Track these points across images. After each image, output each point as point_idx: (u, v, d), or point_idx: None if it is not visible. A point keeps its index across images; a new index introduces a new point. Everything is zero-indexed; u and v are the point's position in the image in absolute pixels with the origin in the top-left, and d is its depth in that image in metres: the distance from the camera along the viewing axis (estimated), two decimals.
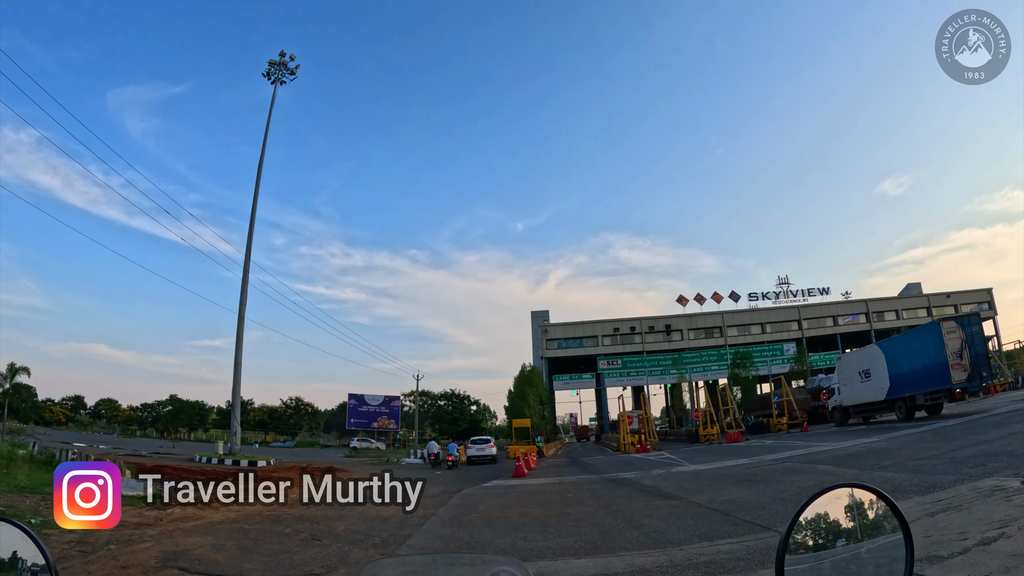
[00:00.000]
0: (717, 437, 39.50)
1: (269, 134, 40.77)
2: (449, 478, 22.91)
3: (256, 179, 39.92)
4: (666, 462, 23.37)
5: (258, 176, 40.14)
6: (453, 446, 31.26)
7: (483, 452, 35.28)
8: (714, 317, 74.97)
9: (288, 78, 42.45)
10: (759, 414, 45.33)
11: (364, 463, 37.75)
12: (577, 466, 27.07)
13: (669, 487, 14.27)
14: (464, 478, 22.87)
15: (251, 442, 75.64)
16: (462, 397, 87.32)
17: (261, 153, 40.91)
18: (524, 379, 49.15)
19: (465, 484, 19.54)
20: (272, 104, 41.60)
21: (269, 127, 41.53)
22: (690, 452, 29.09)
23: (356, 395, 55.10)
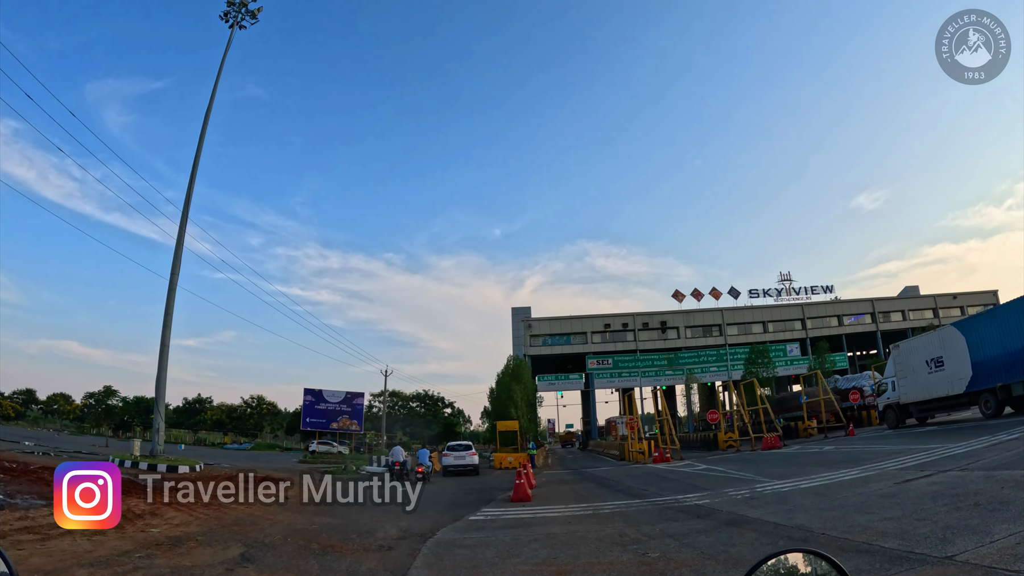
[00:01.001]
0: (739, 444, 33.40)
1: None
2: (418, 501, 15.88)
3: (201, 133, 32.67)
4: (724, 477, 16.74)
5: (203, 129, 32.86)
6: (424, 453, 24.07)
7: (462, 461, 28.73)
8: (713, 314, 68.91)
9: (248, 22, 35.57)
10: (786, 417, 39.27)
11: (313, 470, 30.54)
12: (591, 481, 20.25)
13: (828, 526, 7.61)
14: (440, 500, 15.91)
15: (210, 443, 68.98)
16: (436, 399, 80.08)
17: (209, 104, 33.65)
18: (510, 373, 42.35)
19: (442, 514, 12.68)
20: (227, 48, 34.56)
21: (221, 73, 34.24)
22: (733, 462, 22.51)
23: (313, 391, 47.39)
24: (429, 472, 23.25)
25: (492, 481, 23.27)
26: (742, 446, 32.63)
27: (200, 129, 32.85)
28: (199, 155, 32.71)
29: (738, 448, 31.86)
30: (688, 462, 26.00)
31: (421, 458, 23.18)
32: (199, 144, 32.72)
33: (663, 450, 28.70)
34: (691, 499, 12.54)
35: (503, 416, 38.57)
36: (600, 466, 29.94)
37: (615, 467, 28.09)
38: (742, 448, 31.58)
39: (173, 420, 78.49)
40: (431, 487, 20.81)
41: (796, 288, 71.42)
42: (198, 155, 32.65)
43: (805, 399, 37.32)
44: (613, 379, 66.23)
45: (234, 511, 13.52)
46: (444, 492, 18.66)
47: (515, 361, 43.61)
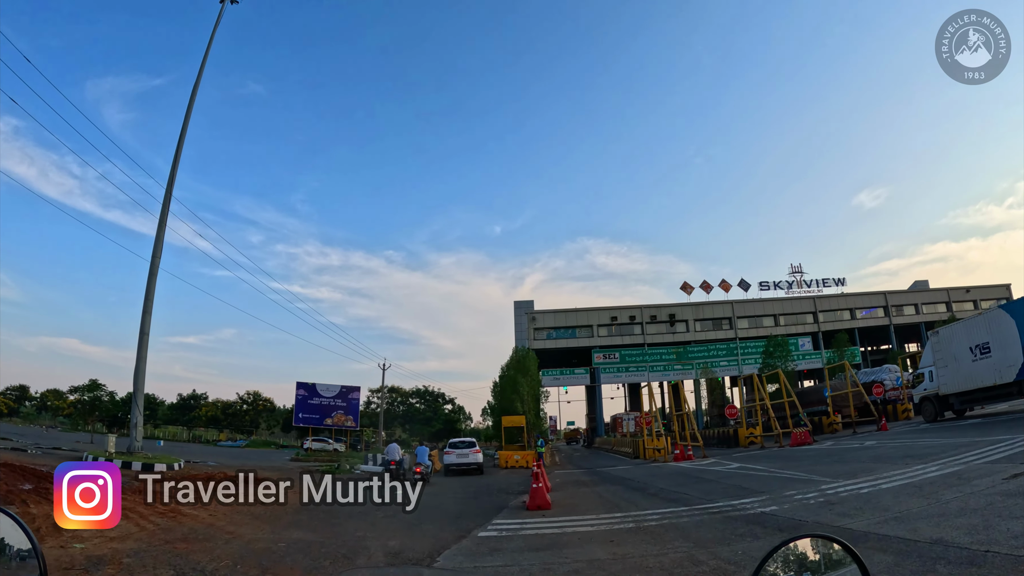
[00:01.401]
0: (761, 440, 31.17)
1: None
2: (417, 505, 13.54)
3: (188, 108, 30.28)
4: (772, 476, 14.42)
5: (190, 105, 30.48)
6: (423, 451, 21.61)
7: (466, 459, 26.68)
8: (723, 307, 66.56)
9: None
10: (808, 412, 36.90)
11: (302, 469, 28.23)
12: (614, 483, 17.89)
13: (986, 539, 5.39)
14: (442, 507, 13.58)
15: (206, 440, 67.08)
16: (436, 395, 77.65)
17: (196, 79, 31.16)
18: (516, 365, 39.87)
19: (444, 528, 10.35)
20: (217, 22, 31.96)
21: (210, 50, 31.75)
22: (767, 459, 20.20)
23: (306, 384, 44.62)
24: (429, 472, 20.90)
25: (499, 482, 20.94)
26: (765, 442, 30.43)
27: (188, 98, 30.48)
28: (183, 136, 30.40)
29: (762, 444, 29.55)
30: (714, 460, 23.69)
31: (420, 456, 20.80)
32: (185, 119, 30.39)
33: (684, 447, 26.34)
34: (751, 506, 10.21)
35: (508, 411, 36.22)
36: (615, 465, 27.62)
37: (633, 466, 25.76)
38: (768, 445, 29.30)
39: (168, 416, 78.26)
40: (431, 489, 18.47)
41: (807, 281, 69.10)
42: (183, 136, 30.32)
43: (829, 392, 34.98)
44: (620, 374, 63.89)
45: (191, 520, 11.22)
46: (446, 496, 16.30)
47: (521, 352, 41.15)
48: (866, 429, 30.87)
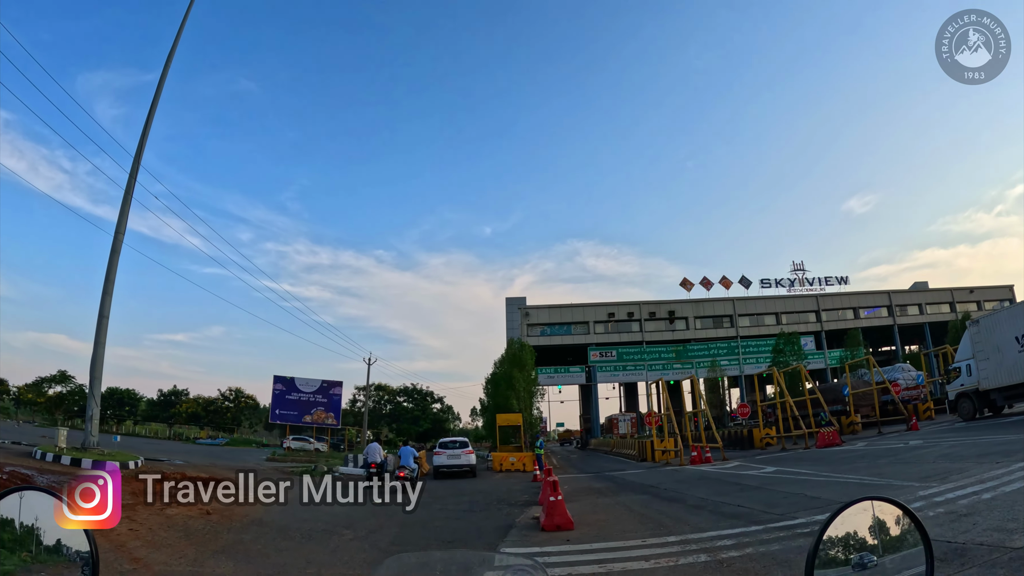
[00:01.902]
0: (776, 441, 28.71)
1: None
2: (392, 526, 10.73)
3: (158, 86, 27.15)
4: (835, 482, 11.64)
5: (160, 84, 27.32)
6: (408, 451, 18.54)
7: (457, 461, 24.43)
8: (724, 304, 64.09)
9: None
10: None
11: (275, 470, 25.26)
12: (636, 491, 15.09)
13: None
14: (428, 524, 10.78)
15: (186, 437, 63.24)
16: (424, 393, 74.46)
17: (169, 56, 27.95)
18: (511, 359, 36.93)
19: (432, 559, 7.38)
20: (188, 11, 28.79)
21: (179, 38, 28.45)
22: (803, 462, 17.55)
23: (284, 378, 41.08)
24: (414, 476, 17.98)
25: (496, 489, 18.13)
26: (783, 443, 27.92)
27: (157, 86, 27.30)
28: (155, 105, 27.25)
29: (783, 447, 26.94)
30: (737, 463, 21.01)
31: (404, 458, 17.85)
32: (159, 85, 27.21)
33: (701, 449, 23.62)
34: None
35: (503, 409, 33.34)
36: (624, 468, 24.90)
37: (645, 470, 23.03)
38: (788, 446, 26.68)
39: (147, 413, 75.41)
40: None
41: (809, 279, 66.88)
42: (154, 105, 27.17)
43: (848, 391, 32.45)
44: (617, 373, 61.18)
45: (100, 537, 8.18)
46: (434, 507, 13.46)
47: (517, 345, 38.14)
48: (892, 429, 28.46)
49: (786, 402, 27.40)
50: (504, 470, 27.53)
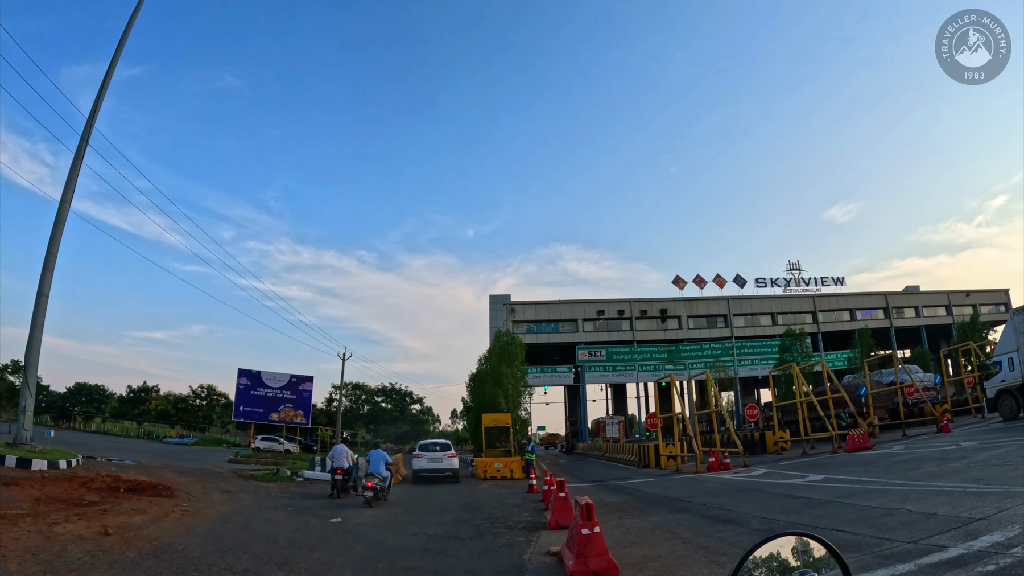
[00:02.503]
0: (790, 445, 26.06)
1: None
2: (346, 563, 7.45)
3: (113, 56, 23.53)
4: (915, 492, 8.69)
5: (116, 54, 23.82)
6: (379, 456, 15.09)
7: (439, 465, 22.48)
8: (719, 303, 61.55)
9: None
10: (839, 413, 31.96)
11: (234, 474, 21.91)
12: (676, 509, 11.99)
13: None
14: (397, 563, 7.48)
15: (157, 436, 60.42)
16: (404, 393, 71.03)
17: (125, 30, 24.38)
18: (499, 352, 33.55)
19: None
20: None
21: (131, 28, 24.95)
22: (844, 467, 14.59)
23: (249, 372, 37.11)
24: (386, 487, 14.70)
25: (486, 501, 14.97)
26: (804, 446, 25.16)
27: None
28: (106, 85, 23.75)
29: (804, 451, 24.10)
30: (765, 469, 18.09)
31: (372, 463, 14.55)
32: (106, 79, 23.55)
33: (719, 454, 20.66)
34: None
35: (489, 407, 30.11)
36: (629, 476, 21.85)
37: (656, 478, 20.00)
38: (808, 450, 23.84)
39: (116, 410, 73.35)
40: (387, 512, 12.34)
41: (806, 278, 64.70)
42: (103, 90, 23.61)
43: (868, 390, 29.78)
44: (607, 373, 58.22)
45: None
46: (408, 529, 10.32)
47: (506, 338, 34.70)
48: (916, 432, 25.95)
49: (809, 401, 24.57)
50: (489, 477, 24.51)
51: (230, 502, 13.97)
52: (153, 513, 11.33)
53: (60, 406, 71.87)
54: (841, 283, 65.87)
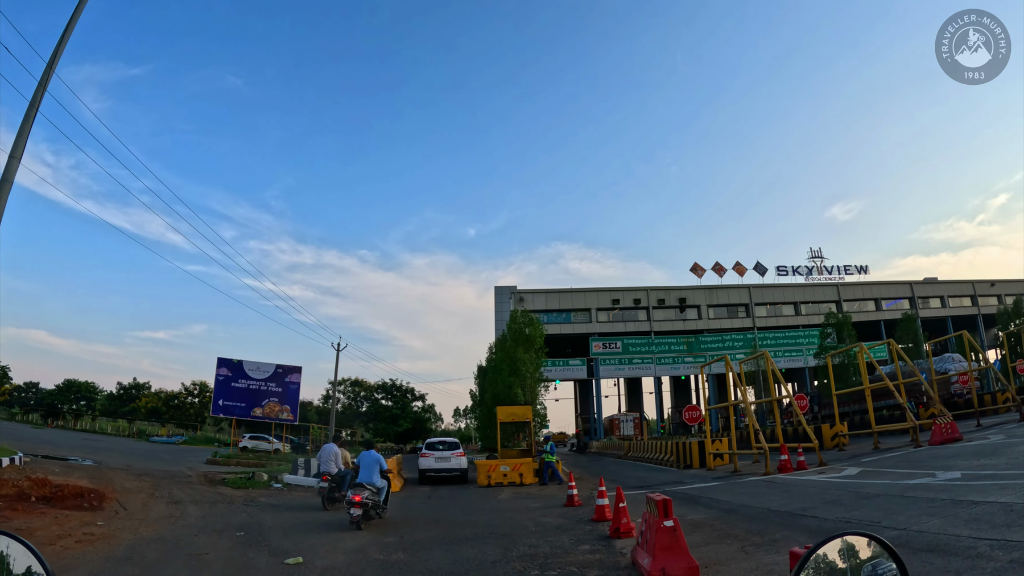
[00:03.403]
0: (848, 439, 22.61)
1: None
2: None
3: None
4: None
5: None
6: (372, 459, 11.27)
7: (447, 464, 21.18)
8: (740, 292, 57.94)
9: None
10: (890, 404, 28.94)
11: (202, 478, 18.26)
12: (814, 531, 8.27)
13: None
14: None
15: (147, 434, 58.22)
16: (405, 390, 67.36)
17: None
18: (515, 336, 29.34)
19: None
20: None
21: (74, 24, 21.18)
22: (985, 457, 11.01)
23: (229, 361, 32.86)
24: (383, 498, 10.98)
25: (512, 520, 11.38)
26: (876, 440, 21.67)
27: None
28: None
29: (876, 444, 20.50)
30: (854, 469, 14.49)
31: (363, 471, 10.81)
32: None
33: (792, 451, 17.07)
34: None
35: (504, 399, 26.30)
36: (680, 481, 18.30)
37: (717, 482, 16.46)
38: (880, 445, 20.23)
39: (105, 408, 70.77)
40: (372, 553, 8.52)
41: (828, 267, 61.15)
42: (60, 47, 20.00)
43: (931, 377, 26.35)
44: (622, 366, 54.55)
45: None
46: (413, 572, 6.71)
47: (524, 319, 30.44)
48: (992, 421, 22.74)
49: (883, 387, 20.98)
50: (494, 483, 19.74)
51: (167, 519, 10.38)
52: (45, 534, 7.75)
53: (50, 404, 69.07)
54: (865, 272, 62.41)
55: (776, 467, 16.53)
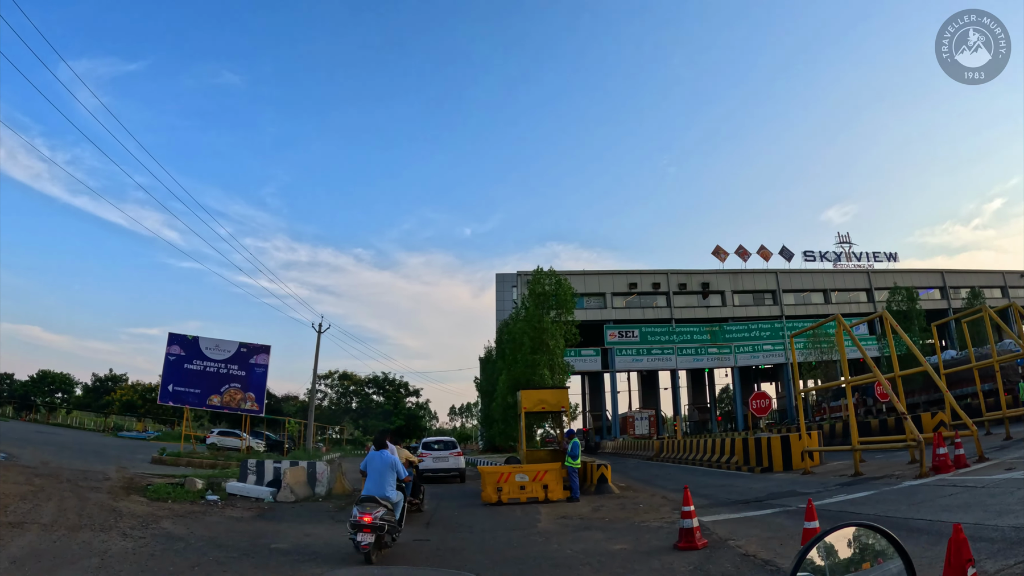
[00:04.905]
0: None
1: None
2: None
3: None
4: None
5: None
6: (384, 464, 6.26)
7: (445, 464, 20.39)
8: (766, 277, 53.15)
9: None
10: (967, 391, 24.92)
11: (121, 483, 13.11)
12: None
13: None
14: None
15: (127, 429, 54.36)
16: (398, 384, 62.13)
17: None
18: (538, 300, 23.64)
19: None
20: None
21: None
22: None
23: (182, 337, 26.37)
24: (396, 522, 6.14)
25: None
26: (1009, 430, 16.78)
27: None
28: None
29: (1009, 435, 15.50)
30: None
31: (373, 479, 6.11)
32: None
33: (950, 444, 12.05)
34: None
35: (530, 381, 20.53)
36: (791, 490, 13.34)
37: (858, 492, 11.43)
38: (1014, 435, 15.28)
39: (79, 401, 68.06)
40: None
41: (857, 253, 56.58)
42: None
43: None
44: (640, 357, 49.50)
45: None
46: None
47: (551, 281, 23.91)
48: None
49: None
50: (507, 501, 13.73)
51: None
52: None
53: (22, 395, 65.17)
54: (894, 259, 58.00)
55: (930, 465, 11.53)
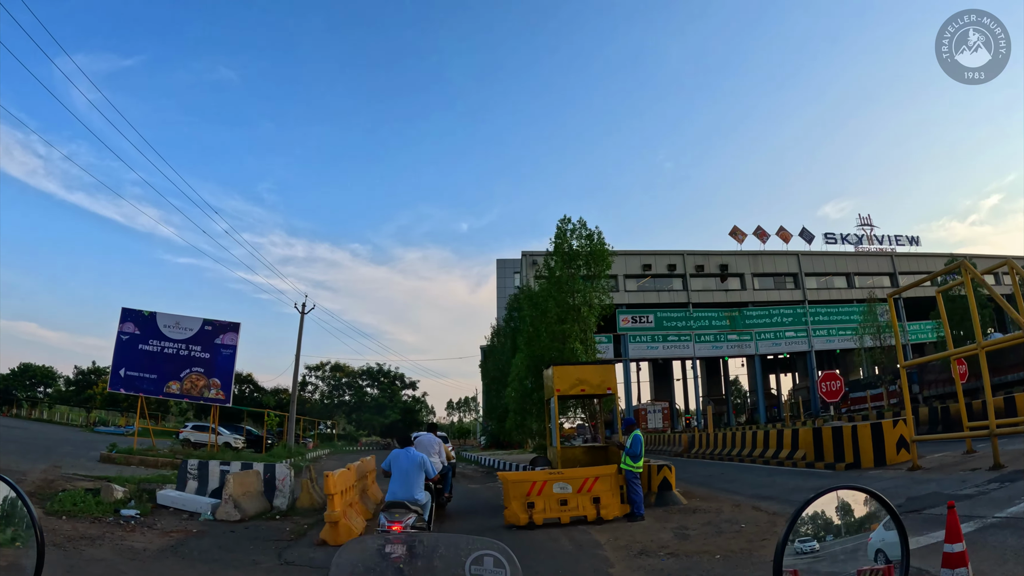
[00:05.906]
0: None
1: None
2: None
3: None
4: None
5: None
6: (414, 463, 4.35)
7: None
8: (787, 260, 49.87)
9: None
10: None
11: (40, 484, 9.53)
12: None
13: None
14: None
15: (110, 424, 53.22)
16: (393, 376, 58.57)
17: None
18: (566, 256, 18.51)
19: None
20: None
21: None
22: None
23: (138, 313, 22.22)
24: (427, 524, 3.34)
25: None
26: None
27: None
28: None
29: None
30: None
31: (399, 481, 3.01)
32: None
33: None
34: None
35: (549, 359, 15.86)
36: (912, 499, 9.77)
37: None
38: None
39: (60, 395, 66.36)
40: None
41: (879, 236, 53.31)
42: None
43: None
44: (656, 344, 46.04)
45: None
46: None
47: (584, 238, 18.44)
48: None
49: None
50: (542, 522, 9.69)
51: None
52: None
53: (3, 390, 62.79)
54: (916, 243, 54.68)
55: None
